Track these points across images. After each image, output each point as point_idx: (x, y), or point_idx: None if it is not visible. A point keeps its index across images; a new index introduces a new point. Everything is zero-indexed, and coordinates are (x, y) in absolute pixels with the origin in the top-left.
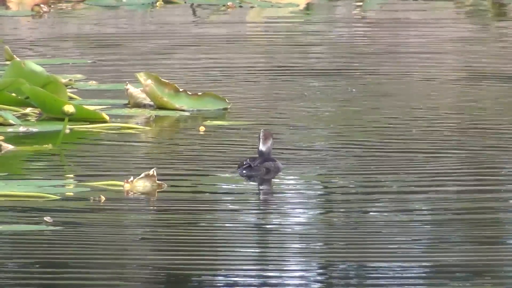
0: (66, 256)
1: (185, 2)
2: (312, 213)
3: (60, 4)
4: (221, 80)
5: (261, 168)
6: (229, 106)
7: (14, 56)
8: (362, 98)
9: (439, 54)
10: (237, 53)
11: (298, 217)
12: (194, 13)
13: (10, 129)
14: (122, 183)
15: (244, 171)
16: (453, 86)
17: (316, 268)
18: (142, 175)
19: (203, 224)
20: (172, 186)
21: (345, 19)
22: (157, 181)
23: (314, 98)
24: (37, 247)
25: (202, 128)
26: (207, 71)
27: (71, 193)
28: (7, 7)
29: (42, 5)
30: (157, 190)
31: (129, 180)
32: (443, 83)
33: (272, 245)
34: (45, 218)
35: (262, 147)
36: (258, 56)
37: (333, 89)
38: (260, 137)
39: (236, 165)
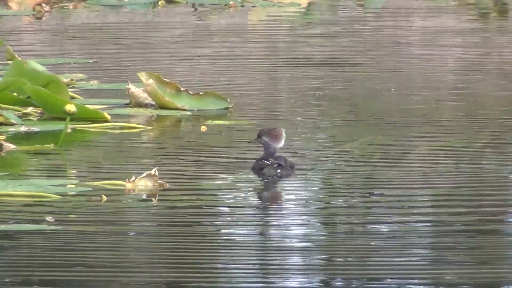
0: (67, 256)
1: (187, 2)
2: (313, 225)
3: (62, 4)
4: (223, 79)
5: (288, 167)
6: (230, 106)
7: (16, 55)
8: (368, 97)
9: (441, 48)
10: (240, 51)
11: (299, 229)
12: (195, 10)
13: (11, 129)
14: (123, 182)
15: (278, 171)
16: (454, 82)
17: (317, 282)
18: (144, 174)
19: (203, 228)
20: (173, 185)
21: (347, 17)
22: (159, 181)
23: (320, 97)
24: (38, 246)
25: (203, 128)
26: (209, 70)
27: (73, 193)
28: (8, 7)
29: (43, 5)
30: (159, 190)
31: (131, 180)
32: (445, 77)
33: (273, 257)
34: (46, 218)
35: (278, 145)
36: (261, 54)
37: (340, 88)
38: (282, 134)
39: (237, 165)
